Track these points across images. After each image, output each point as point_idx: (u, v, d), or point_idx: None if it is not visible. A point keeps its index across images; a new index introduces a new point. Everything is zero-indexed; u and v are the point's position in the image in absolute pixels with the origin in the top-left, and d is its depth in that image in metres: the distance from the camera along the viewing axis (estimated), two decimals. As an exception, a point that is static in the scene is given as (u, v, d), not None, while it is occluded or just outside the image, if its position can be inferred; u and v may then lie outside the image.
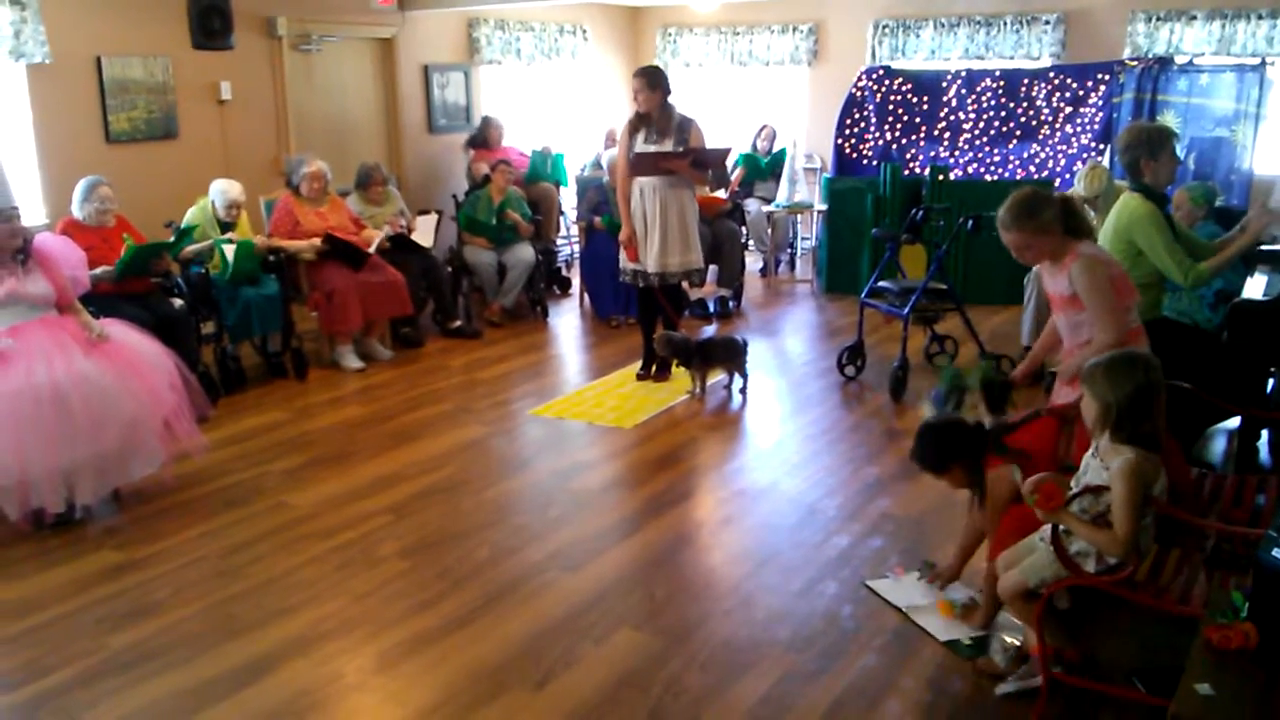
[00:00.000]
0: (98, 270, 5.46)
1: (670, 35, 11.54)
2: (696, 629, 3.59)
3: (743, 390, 6.28)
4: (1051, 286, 3.65)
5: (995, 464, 3.35)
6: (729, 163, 9.69)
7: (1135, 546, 2.76)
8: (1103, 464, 2.85)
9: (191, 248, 6.21)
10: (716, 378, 6.39)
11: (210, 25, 7.57)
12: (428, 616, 3.69)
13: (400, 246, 7.30)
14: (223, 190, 6.47)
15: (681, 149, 6.09)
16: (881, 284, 6.55)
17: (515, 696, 3.22)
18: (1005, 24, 9.79)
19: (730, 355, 6.29)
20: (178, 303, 6.01)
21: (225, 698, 3.22)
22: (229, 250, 6.23)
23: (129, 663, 3.41)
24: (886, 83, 9.88)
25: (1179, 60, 8.89)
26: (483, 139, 9.12)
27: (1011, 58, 9.79)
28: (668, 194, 6.16)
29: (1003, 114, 9.51)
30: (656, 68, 6.32)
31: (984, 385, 3.69)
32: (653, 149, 6.13)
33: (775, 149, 10.05)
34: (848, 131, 10.05)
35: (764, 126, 10.10)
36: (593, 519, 4.56)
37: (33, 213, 6.46)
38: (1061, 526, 2.85)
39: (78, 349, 4.42)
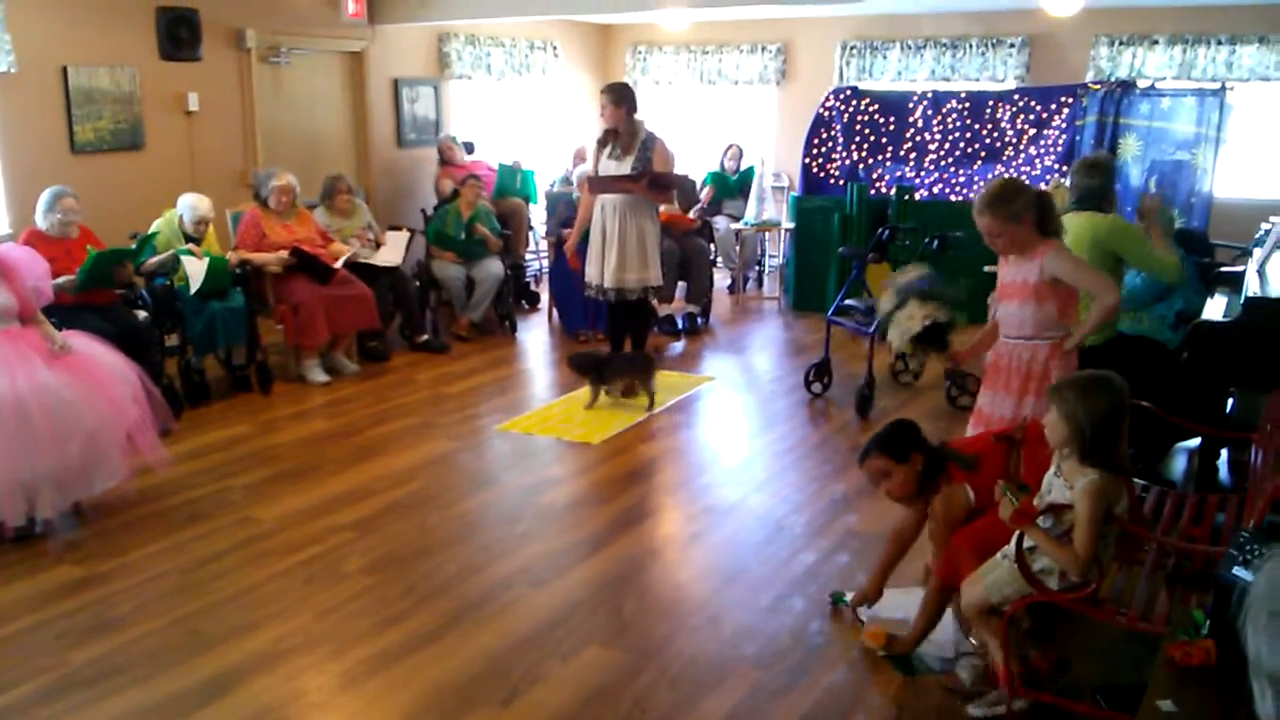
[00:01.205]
0: (60, 280, 5.39)
1: (640, 53, 11.60)
2: (664, 646, 3.59)
3: (649, 407, 6.28)
4: (1012, 275, 3.72)
5: (958, 477, 3.37)
6: (697, 186, 9.77)
7: (1096, 565, 2.79)
8: (1066, 483, 2.88)
9: (154, 259, 6.14)
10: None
11: (178, 36, 7.53)
12: (393, 633, 3.66)
13: (362, 273, 7.15)
14: (192, 205, 6.41)
15: (641, 167, 6.12)
16: (848, 302, 6.60)
17: (481, 714, 3.20)
18: (971, 46, 9.93)
19: (634, 370, 6.33)
20: (141, 314, 5.96)
21: (187, 715, 3.18)
22: (191, 263, 6.17)
23: (90, 679, 3.36)
24: (854, 103, 9.97)
25: (1141, 84, 9.03)
26: (443, 158, 9.13)
27: (977, 80, 9.93)
28: (628, 211, 6.20)
29: (968, 135, 9.62)
30: (623, 84, 6.36)
31: (938, 323, 3.79)
32: (614, 165, 6.16)
33: (742, 167, 10.10)
34: (815, 151, 10.13)
35: (730, 145, 10.15)
36: (560, 535, 4.55)
37: (-5, 223, 6.39)
38: (1026, 544, 2.88)
39: (39, 360, 4.37)
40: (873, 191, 9.31)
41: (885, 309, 4.25)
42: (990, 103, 9.54)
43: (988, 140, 9.57)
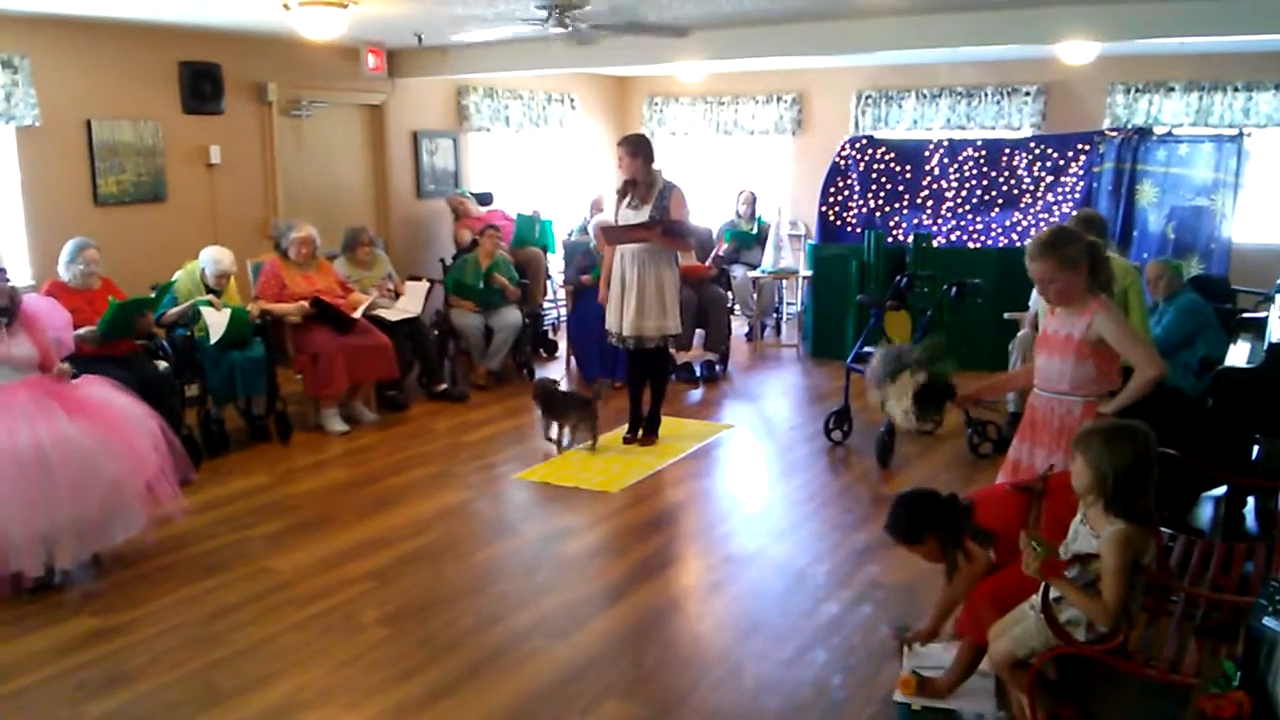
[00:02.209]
0: (81, 330, 5.43)
1: (657, 104, 11.70)
2: (685, 699, 3.54)
3: (590, 446, 6.38)
4: (1056, 327, 3.62)
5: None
6: (714, 235, 9.80)
7: (1125, 616, 2.74)
8: (1092, 532, 2.84)
9: (174, 310, 6.19)
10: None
11: (201, 90, 7.64)
12: (410, 686, 3.63)
13: (381, 323, 7.16)
14: (215, 259, 6.45)
15: (658, 216, 6.13)
16: (867, 349, 6.55)
17: (500, 768, 3.16)
18: (986, 95, 9.97)
19: (575, 409, 6.42)
20: (161, 365, 5.98)
21: (203, 769, 3.15)
22: (211, 314, 6.21)
23: (105, 732, 3.34)
24: (870, 152, 10.00)
25: (1158, 131, 9.04)
26: (456, 214, 9.21)
27: (993, 128, 9.96)
28: (647, 260, 6.21)
29: (984, 183, 9.63)
30: (639, 135, 6.40)
31: (928, 383, 3.73)
32: (632, 214, 6.19)
33: (755, 213, 10.13)
34: (832, 199, 10.15)
35: (743, 191, 10.19)
36: (579, 585, 4.52)
37: (19, 274, 6.46)
38: (1053, 594, 2.83)
39: (60, 411, 4.38)
40: (890, 239, 9.32)
41: (877, 400, 4.10)
42: (1006, 150, 9.55)
43: (1005, 187, 9.57)
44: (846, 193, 10.12)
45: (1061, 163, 9.34)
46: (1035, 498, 3.30)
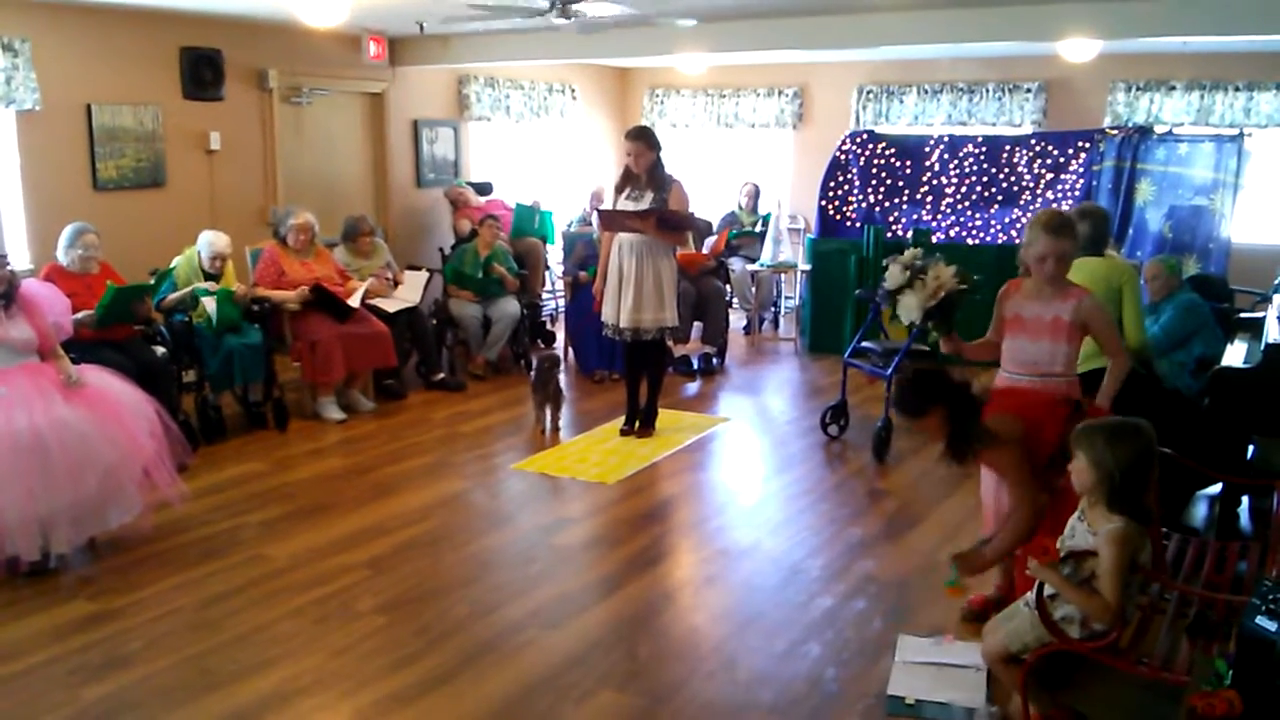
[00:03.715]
0: (80, 314, 5.42)
1: (658, 96, 11.69)
2: (678, 690, 3.55)
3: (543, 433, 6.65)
4: (1039, 311, 3.68)
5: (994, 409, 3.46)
6: (714, 227, 9.81)
7: (1122, 613, 2.76)
8: (1090, 529, 2.85)
9: (173, 296, 6.19)
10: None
11: (202, 76, 7.63)
12: (405, 674, 3.64)
13: (379, 311, 7.18)
14: (209, 241, 6.45)
15: (657, 207, 6.12)
16: (865, 344, 6.58)
17: (494, 757, 3.17)
18: (987, 91, 9.97)
19: (545, 391, 6.67)
20: (160, 350, 5.98)
21: (198, 754, 3.16)
22: (209, 302, 6.21)
23: (101, 715, 3.35)
24: (870, 147, 10.00)
25: (1158, 130, 9.04)
26: (456, 205, 9.21)
27: (993, 124, 9.96)
28: (644, 252, 6.20)
29: (984, 179, 9.63)
30: (648, 128, 6.39)
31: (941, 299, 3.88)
32: (631, 205, 6.18)
33: (758, 206, 10.13)
34: (831, 194, 10.15)
35: (746, 184, 10.19)
36: (574, 576, 4.53)
37: (18, 258, 6.45)
38: (1048, 591, 2.84)
39: (58, 395, 4.39)
40: (890, 234, 9.32)
41: (897, 280, 4.20)
42: (1007, 147, 9.55)
43: (1004, 184, 9.57)
44: (846, 187, 10.12)
45: (1062, 160, 9.34)
46: (1074, 411, 3.33)
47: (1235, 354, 5.02)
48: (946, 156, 9.75)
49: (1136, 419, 2.92)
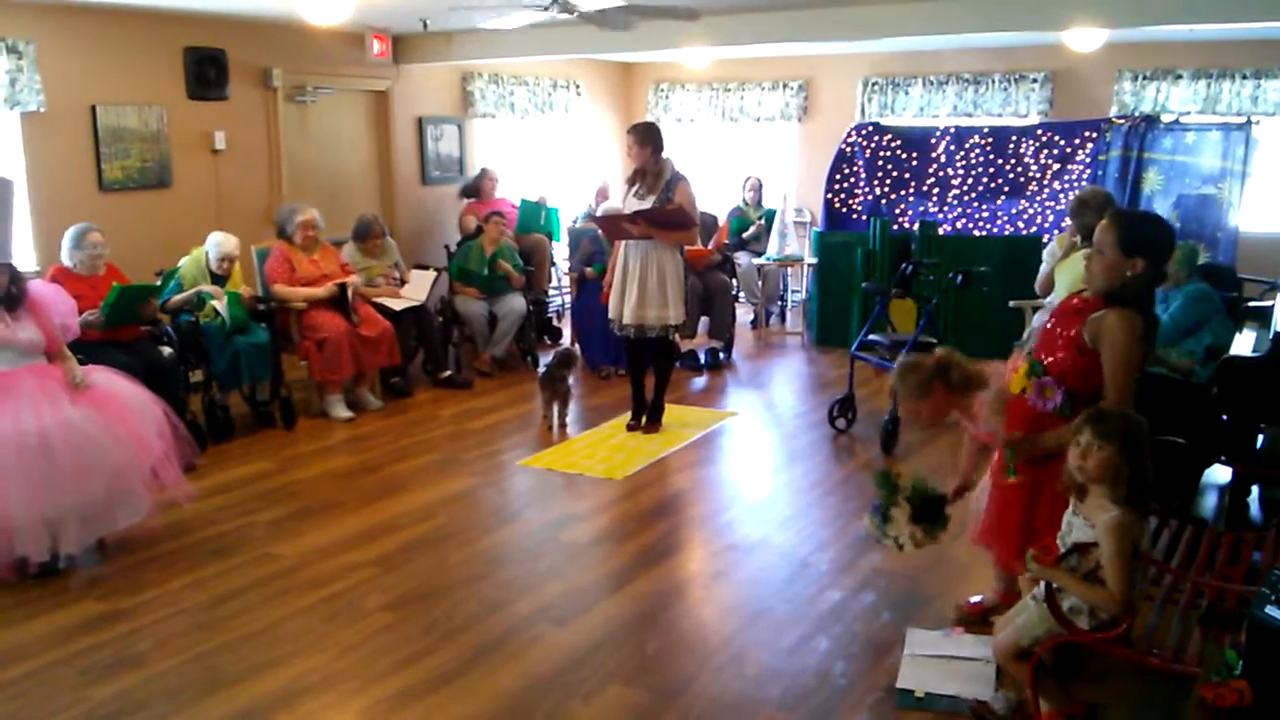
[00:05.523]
0: (86, 315, 5.43)
1: (662, 91, 11.67)
2: (687, 686, 3.55)
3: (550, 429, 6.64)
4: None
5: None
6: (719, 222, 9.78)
7: (1130, 602, 2.74)
8: (1086, 521, 2.84)
9: (179, 296, 6.20)
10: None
11: (206, 76, 7.63)
12: (414, 671, 3.64)
13: (386, 309, 7.22)
14: (217, 243, 6.45)
15: (662, 206, 6.11)
16: (872, 337, 6.56)
17: (503, 753, 3.17)
18: (993, 82, 9.93)
19: (553, 389, 6.64)
20: (167, 350, 5.98)
21: (207, 753, 3.16)
22: (219, 304, 6.22)
23: (110, 715, 3.35)
24: (876, 139, 9.97)
25: (1165, 119, 9.00)
26: (476, 189, 9.21)
27: (999, 115, 9.92)
28: (649, 249, 6.19)
29: (991, 170, 9.59)
30: (649, 124, 6.38)
31: (915, 498, 3.70)
32: (637, 203, 6.17)
33: (763, 200, 10.11)
34: (837, 186, 10.13)
35: (749, 178, 10.17)
36: (583, 572, 4.53)
37: (24, 259, 6.46)
38: (1056, 584, 2.83)
39: (65, 396, 4.40)
40: (896, 226, 9.30)
41: (880, 540, 3.89)
42: (1013, 138, 9.51)
43: (1011, 175, 9.54)
44: (852, 180, 10.09)
45: (1068, 150, 9.30)
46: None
47: (1244, 343, 4.99)
48: (953, 148, 9.72)
49: (1130, 411, 2.93)
